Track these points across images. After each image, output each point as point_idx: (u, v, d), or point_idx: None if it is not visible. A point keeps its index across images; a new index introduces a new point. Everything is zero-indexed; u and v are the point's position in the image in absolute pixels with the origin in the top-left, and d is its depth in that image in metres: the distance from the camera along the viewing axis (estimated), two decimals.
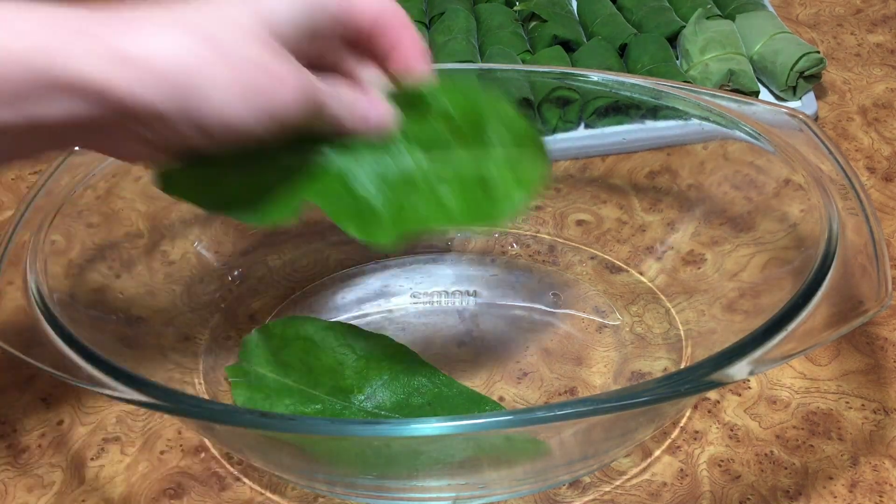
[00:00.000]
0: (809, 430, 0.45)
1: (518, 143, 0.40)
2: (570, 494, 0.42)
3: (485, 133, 0.40)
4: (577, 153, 0.59)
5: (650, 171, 0.56)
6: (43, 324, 0.39)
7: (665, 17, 0.68)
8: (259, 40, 0.32)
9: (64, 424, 0.47)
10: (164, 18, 0.31)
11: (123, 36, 0.30)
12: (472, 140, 0.40)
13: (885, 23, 0.73)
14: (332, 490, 0.43)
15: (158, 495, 0.43)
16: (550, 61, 0.65)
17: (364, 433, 0.35)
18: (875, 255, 0.39)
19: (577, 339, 0.49)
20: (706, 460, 0.43)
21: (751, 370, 0.35)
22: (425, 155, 0.39)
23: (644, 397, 0.34)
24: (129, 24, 0.31)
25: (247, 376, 0.45)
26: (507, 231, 0.55)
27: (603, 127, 0.60)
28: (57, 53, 0.30)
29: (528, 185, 0.39)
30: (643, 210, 0.55)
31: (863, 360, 0.48)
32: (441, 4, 0.72)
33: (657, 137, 0.56)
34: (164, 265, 0.51)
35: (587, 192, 0.57)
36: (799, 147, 0.45)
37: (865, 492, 0.42)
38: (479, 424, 0.34)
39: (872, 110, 0.64)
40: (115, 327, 0.46)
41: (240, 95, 0.32)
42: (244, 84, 0.32)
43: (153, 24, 0.31)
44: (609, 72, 0.54)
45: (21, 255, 0.42)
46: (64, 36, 0.30)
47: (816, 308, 0.37)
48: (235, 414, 0.36)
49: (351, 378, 0.45)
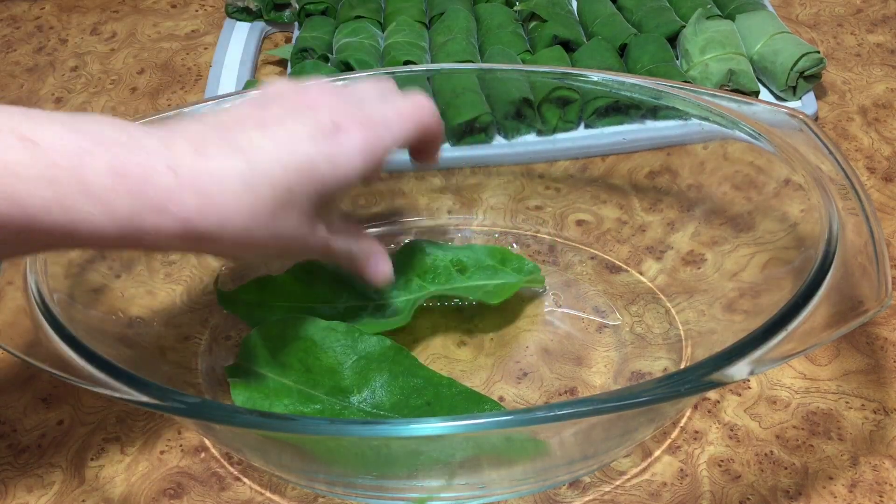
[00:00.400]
0: (809, 430, 0.45)
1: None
2: (570, 494, 0.42)
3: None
4: (577, 153, 0.59)
5: (650, 171, 0.56)
6: (43, 324, 0.39)
7: (665, 17, 0.68)
8: (298, 210, 0.38)
9: (64, 424, 0.47)
10: (231, 158, 0.36)
11: (201, 168, 0.35)
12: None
13: (885, 23, 0.73)
14: (332, 490, 0.43)
15: (158, 495, 0.43)
16: (550, 61, 0.65)
17: (363, 433, 0.35)
18: (875, 255, 0.39)
19: (577, 339, 0.49)
20: (706, 460, 0.43)
21: (751, 370, 0.35)
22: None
23: (644, 397, 0.34)
24: (204, 157, 0.35)
25: (246, 376, 0.45)
26: (507, 231, 0.55)
27: (603, 127, 0.60)
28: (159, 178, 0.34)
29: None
30: (643, 210, 0.55)
31: (863, 360, 0.48)
32: (441, 4, 0.72)
33: (657, 137, 0.56)
34: (164, 265, 0.51)
35: (587, 192, 0.57)
36: (799, 147, 0.45)
37: (865, 492, 0.42)
38: (479, 424, 0.34)
39: (872, 110, 0.64)
40: (115, 327, 0.46)
41: (273, 252, 0.39)
42: (278, 247, 0.39)
43: (221, 164, 0.36)
44: (609, 72, 0.54)
45: None
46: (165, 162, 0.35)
47: (816, 308, 0.37)
48: (235, 414, 0.36)
49: (350, 378, 0.45)
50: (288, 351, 0.45)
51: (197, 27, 0.78)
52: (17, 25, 0.80)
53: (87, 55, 0.75)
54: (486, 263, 0.51)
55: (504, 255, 0.52)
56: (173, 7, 0.81)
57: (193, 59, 0.74)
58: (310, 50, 0.69)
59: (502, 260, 0.51)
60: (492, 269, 0.51)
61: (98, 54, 0.75)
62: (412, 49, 0.67)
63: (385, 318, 0.49)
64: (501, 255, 0.52)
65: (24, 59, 0.75)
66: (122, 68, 0.73)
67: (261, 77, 0.71)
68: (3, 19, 0.81)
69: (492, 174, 0.58)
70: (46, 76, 0.73)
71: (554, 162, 0.59)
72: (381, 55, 0.68)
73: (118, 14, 0.80)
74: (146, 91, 0.71)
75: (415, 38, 0.69)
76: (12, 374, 0.49)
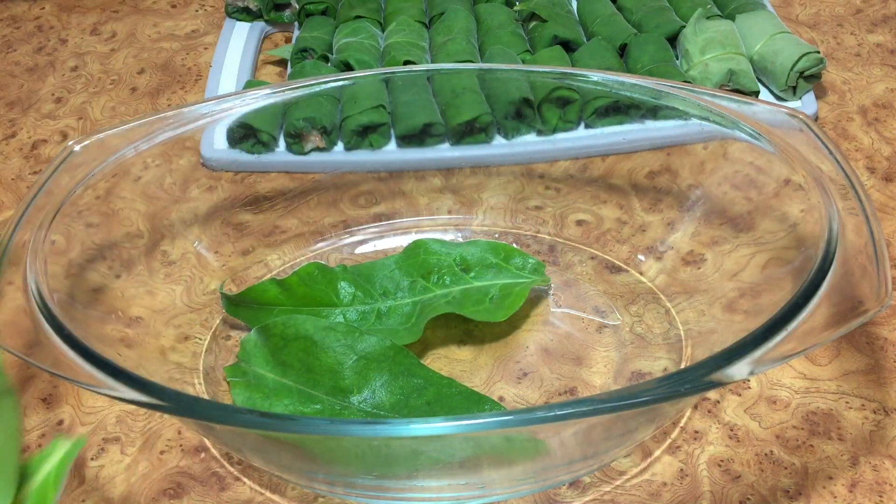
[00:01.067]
0: (809, 430, 0.45)
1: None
2: (570, 494, 0.42)
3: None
4: (577, 153, 0.59)
5: (650, 171, 0.56)
6: (43, 324, 0.39)
7: (665, 17, 0.68)
8: None
9: (64, 424, 0.47)
10: None
11: None
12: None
13: (885, 23, 0.73)
14: (332, 490, 0.43)
15: (158, 495, 0.43)
16: (550, 61, 0.65)
17: (364, 433, 0.35)
18: (875, 255, 0.39)
19: (577, 339, 0.49)
20: (706, 460, 0.43)
21: (751, 370, 0.35)
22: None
23: (644, 397, 0.34)
24: None
25: (245, 376, 0.45)
26: (508, 231, 0.55)
27: (603, 127, 0.60)
28: None
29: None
30: (643, 210, 0.55)
31: (863, 360, 0.48)
32: (441, 4, 0.72)
33: (657, 137, 0.56)
34: (164, 265, 0.51)
35: (587, 192, 0.57)
36: (799, 147, 0.45)
37: (865, 492, 0.42)
38: (479, 424, 0.34)
39: (872, 110, 0.64)
40: (115, 327, 0.46)
41: None
42: None
43: None
44: (609, 72, 0.54)
45: (21, 255, 0.42)
46: None
47: (816, 308, 0.37)
48: (235, 414, 0.36)
49: (350, 378, 0.45)
50: (288, 351, 0.45)
51: (197, 27, 0.78)
52: (17, 25, 0.80)
53: (87, 55, 0.75)
54: (490, 261, 0.51)
55: (508, 251, 0.52)
56: (173, 7, 0.81)
57: (193, 59, 0.74)
58: (310, 50, 0.69)
59: (506, 257, 0.51)
60: (496, 266, 0.51)
61: (98, 54, 0.75)
62: (412, 49, 0.67)
63: (393, 327, 0.49)
64: (505, 251, 0.52)
65: (24, 59, 0.75)
66: (122, 68, 0.73)
67: (261, 77, 0.71)
68: (3, 19, 0.81)
69: (492, 174, 0.58)
70: (46, 76, 0.73)
71: (554, 162, 0.59)
72: (381, 55, 0.68)
73: (118, 14, 0.80)
74: (146, 91, 0.71)
75: (415, 38, 0.69)
76: (12, 374, 0.49)
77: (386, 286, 0.50)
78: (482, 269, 0.51)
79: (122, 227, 0.50)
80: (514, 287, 0.50)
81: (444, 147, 0.60)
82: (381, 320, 0.49)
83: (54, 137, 0.66)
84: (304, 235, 0.55)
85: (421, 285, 0.50)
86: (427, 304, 0.49)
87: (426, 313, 0.48)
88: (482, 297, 0.50)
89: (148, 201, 0.51)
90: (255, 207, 0.56)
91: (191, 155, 0.53)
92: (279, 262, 0.54)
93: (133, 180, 0.49)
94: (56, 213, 0.44)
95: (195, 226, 0.53)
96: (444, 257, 0.51)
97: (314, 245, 0.55)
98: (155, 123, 0.49)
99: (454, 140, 0.60)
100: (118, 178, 0.49)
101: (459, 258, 0.51)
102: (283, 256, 0.54)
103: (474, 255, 0.51)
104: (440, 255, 0.51)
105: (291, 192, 0.57)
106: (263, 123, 0.59)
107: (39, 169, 0.63)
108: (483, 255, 0.51)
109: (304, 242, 0.55)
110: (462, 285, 0.50)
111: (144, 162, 0.50)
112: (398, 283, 0.50)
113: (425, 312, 0.49)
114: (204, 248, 0.53)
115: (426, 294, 0.50)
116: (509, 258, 0.51)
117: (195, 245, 0.53)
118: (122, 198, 0.49)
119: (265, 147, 0.59)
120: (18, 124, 0.67)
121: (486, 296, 0.50)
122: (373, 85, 0.60)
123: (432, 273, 0.51)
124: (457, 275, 0.51)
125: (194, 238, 0.53)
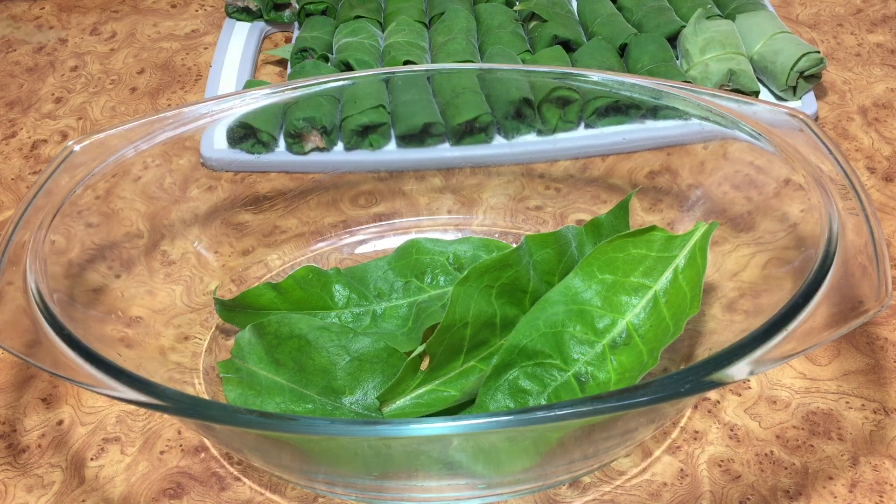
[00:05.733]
0: (809, 430, 0.45)
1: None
2: (570, 494, 0.42)
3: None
4: (577, 153, 0.59)
5: (650, 171, 0.56)
6: (43, 324, 0.39)
7: (665, 17, 0.68)
8: None
9: (64, 424, 0.47)
10: None
11: None
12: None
13: (885, 23, 0.73)
14: (332, 490, 0.43)
15: (158, 495, 0.43)
16: (550, 61, 0.65)
17: (363, 433, 0.35)
18: (875, 255, 0.39)
19: None
20: (706, 460, 0.43)
21: (751, 370, 0.35)
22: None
23: (644, 397, 0.34)
24: None
25: (238, 372, 0.45)
26: (508, 231, 0.55)
27: (603, 127, 0.60)
28: None
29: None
30: (643, 210, 0.54)
31: (863, 360, 0.48)
32: (441, 4, 0.72)
33: (657, 137, 0.56)
34: (163, 265, 0.51)
35: (587, 192, 0.57)
36: (799, 147, 0.45)
37: (865, 492, 0.42)
38: (479, 424, 0.34)
39: (872, 110, 0.64)
40: (115, 327, 0.46)
41: None
42: None
43: None
44: (609, 72, 0.54)
45: (21, 255, 0.42)
46: None
47: (816, 308, 0.37)
48: (235, 414, 0.36)
49: (343, 379, 0.45)
50: (281, 349, 0.45)
51: (197, 27, 0.78)
52: (17, 25, 0.80)
53: (87, 55, 0.75)
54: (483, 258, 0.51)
55: (500, 248, 0.51)
56: (173, 7, 0.81)
57: (193, 58, 0.74)
58: (310, 50, 0.69)
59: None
60: None
61: (98, 54, 0.75)
62: (412, 49, 0.67)
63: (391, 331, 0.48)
64: (497, 248, 0.51)
65: (24, 59, 0.75)
66: (122, 68, 0.73)
67: (261, 77, 0.71)
68: (3, 19, 0.81)
69: (492, 174, 0.58)
70: (46, 76, 0.73)
71: (554, 162, 0.59)
72: (381, 55, 0.68)
73: (118, 14, 0.80)
74: (146, 91, 0.71)
75: (415, 38, 0.69)
76: (12, 374, 0.49)
77: (380, 287, 0.50)
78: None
79: (122, 227, 0.50)
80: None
81: (444, 147, 0.60)
82: (377, 323, 0.49)
83: (54, 137, 0.66)
84: (303, 235, 0.55)
85: (415, 286, 0.50)
86: (423, 307, 0.49)
87: (423, 318, 0.48)
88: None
89: (148, 201, 0.51)
90: (255, 207, 0.56)
91: (191, 155, 0.53)
92: (279, 262, 0.54)
93: (133, 180, 0.49)
94: (56, 213, 0.44)
95: (195, 226, 0.53)
96: (437, 256, 0.51)
97: (314, 245, 0.55)
98: (155, 123, 0.49)
99: (454, 140, 0.60)
100: (118, 178, 0.49)
101: (452, 257, 0.51)
102: (282, 256, 0.54)
103: (467, 252, 0.51)
104: (433, 254, 0.51)
105: (291, 192, 0.57)
106: (263, 123, 0.59)
107: (39, 169, 0.63)
108: (475, 253, 0.51)
109: (304, 242, 0.55)
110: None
111: (144, 162, 0.50)
112: (392, 285, 0.50)
113: (422, 317, 0.48)
114: (204, 248, 0.53)
115: (420, 294, 0.50)
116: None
117: (195, 245, 0.53)
118: (121, 198, 0.49)
119: (265, 147, 0.59)
120: (18, 124, 0.67)
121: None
122: (373, 85, 0.61)
123: (426, 273, 0.51)
124: (450, 274, 0.50)
125: (194, 238, 0.53)
